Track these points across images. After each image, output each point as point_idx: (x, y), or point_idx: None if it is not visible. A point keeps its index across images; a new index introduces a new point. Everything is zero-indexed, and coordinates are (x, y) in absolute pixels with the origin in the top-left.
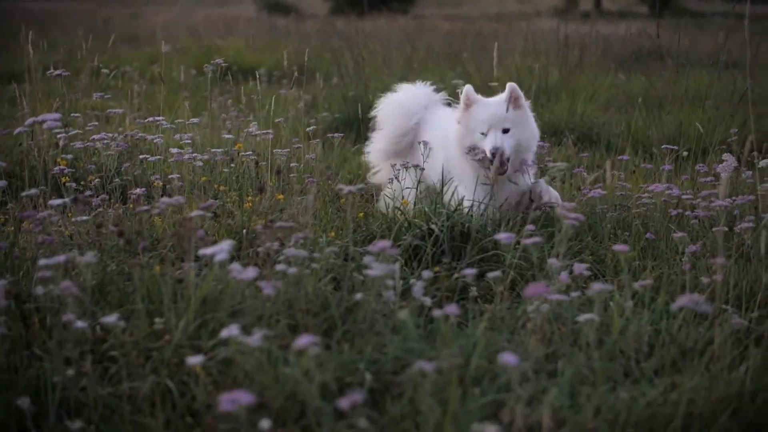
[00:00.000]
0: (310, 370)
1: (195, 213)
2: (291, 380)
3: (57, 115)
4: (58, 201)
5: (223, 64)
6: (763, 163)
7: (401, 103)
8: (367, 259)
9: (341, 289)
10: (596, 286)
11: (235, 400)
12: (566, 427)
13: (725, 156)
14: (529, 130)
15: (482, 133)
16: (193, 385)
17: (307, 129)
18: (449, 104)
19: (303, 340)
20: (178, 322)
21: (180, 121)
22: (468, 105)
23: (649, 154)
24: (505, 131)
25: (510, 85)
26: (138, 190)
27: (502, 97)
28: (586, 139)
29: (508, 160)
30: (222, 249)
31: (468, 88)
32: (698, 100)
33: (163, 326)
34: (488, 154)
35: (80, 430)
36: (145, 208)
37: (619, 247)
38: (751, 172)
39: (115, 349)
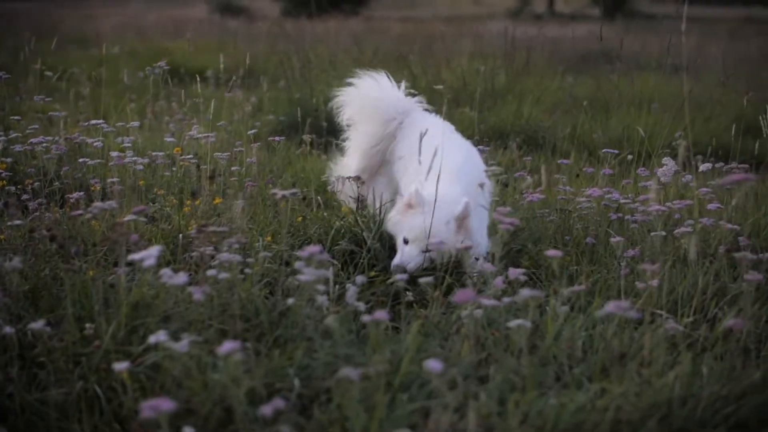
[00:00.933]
0: (238, 376)
1: (128, 217)
2: (219, 386)
3: None
4: None
5: (165, 67)
6: (704, 167)
7: (377, 105)
8: (298, 265)
9: (275, 294)
10: (525, 292)
11: (156, 407)
12: None
13: (665, 160)
14: (457, 245)
15: (404, 240)
16: (121, 391)
17: (249, 132)
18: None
19: (227, 346)
20: (109, 327)
21: (121, 124)
22: (409, 207)
23: (594, 157)
24: (427, 251)
25: (465, 205)
26: (76, 194)
27: (447, 209)
28: (532, 142)
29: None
30: (151, 254)
31: (415, 192)
32: (645, 103)
33: (93, 332)
34: (390, 266)
35: None
36: (79, 212)
37: (551, 252)
38: (691, 176)
39: (44, 355)
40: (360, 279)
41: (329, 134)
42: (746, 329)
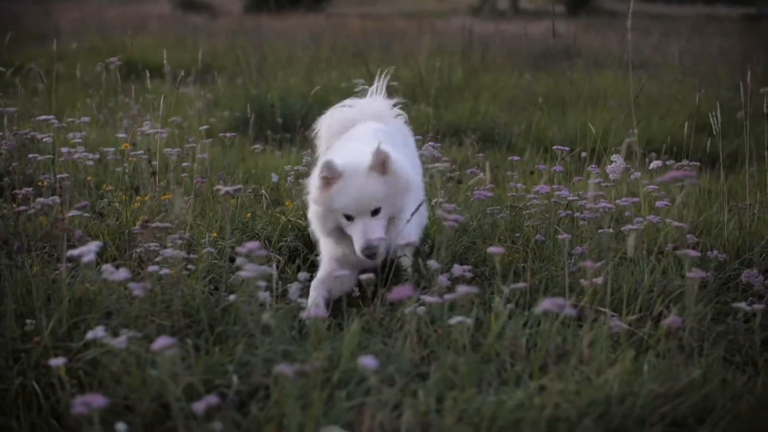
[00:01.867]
0: (176, 373)
1: (71, 213)
2: (156, 382)
3: None
4: None
5: (118, 63)
6: (654, 164)
7: (330, 123)
8: (239, 261)
9: (219, 291)
10: (462, 289)
11: (88, 402)
12: None
13: (614, 157)
14: (402, 190)
15: (346, 216)
16: (59, 387)
17: (201, 128)
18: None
19: (161, 342)
20: (50, 323)
21: (71, 120)
22: (328, 182)
23: (549, 154)
24: (375, 212)
25: (375, 150)
26: (24, 190)
27: (364, 164)
28: (488, 139)
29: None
30: (89, 250)
31: (330, 162)
32: (602, 100)
33: (33, 328)
34: (359, 254)
35: None
36: (23, 208)
37: (493, 249)
38: (639, 174)
39: None
40: (303, 275)
41: (284, 131)
42: (689, 327)
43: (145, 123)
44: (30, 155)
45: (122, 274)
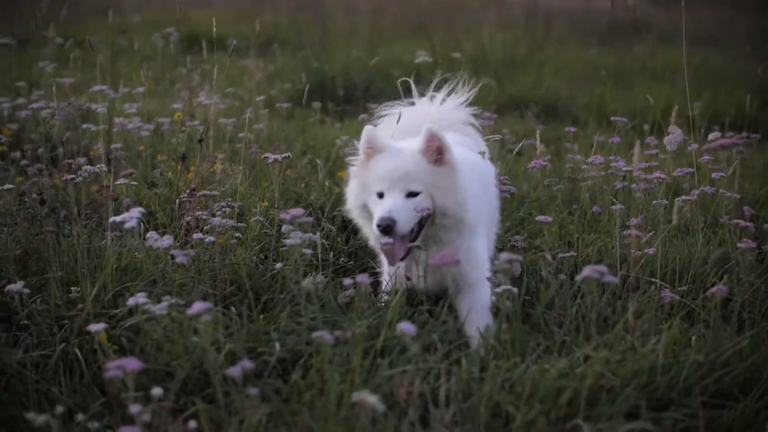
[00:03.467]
0: (218, 339)
1: (119, 181)
2: (198, 349)
3: None
4: None
5: (176, 34)
6: (712, 136)
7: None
8: (285, 228)
9: (268, 259)
10: (504, 255)
11: (122, 366)
12: (473, 399)
13: (671, 128)
14: (454, 195)
15: (378, 194)
16: (101, 354)
17: (258, 98)
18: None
19: (197, 307)
20: (93, 291)
21: (126, 90)
22: (369, 154)
23: (612, 128)
24: (411, 195)
25: (427, 130)
26: (77, 160)
27: (413, 145)
28: (551, 112)
29: (406, 237)
30: (132, 216)
31: (370, 131)
32: (667, 74)
33: (79, 295)
34: (374, 228)
35: None
36: (71, 176)
37: (542, 217)
38: (696, 145)
39: (28, 318)
40: (351, 244)
41: (345, 103)
42: (740, 299)
43: (201, 94)
44: (84, 125)
45: (167, 241)
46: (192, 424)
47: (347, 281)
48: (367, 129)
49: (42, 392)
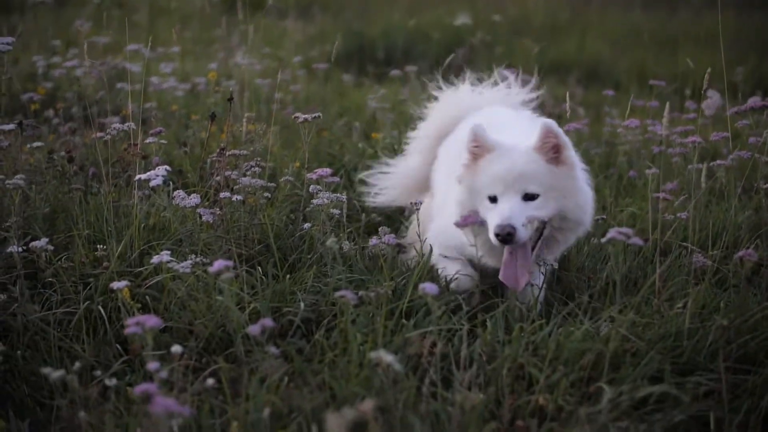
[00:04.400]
0: (243, 299)
1: (148, 140)
2: (222, 308)
3: (9, 39)
4: (10, 126)
5: None
6: (751, 101)
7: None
8: (313, 188)
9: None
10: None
11: (141, 322)
12: (497, 362)
13: (710, 93)
14: (574, 197)
15: (490, 198)
16: (124, 312)
17: (295, 59)
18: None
19: (218, 264)
20: (118, 249)
21: (162, 50)
22: (477, 154)
23: (654, 93)
24: (529, 198)
25: (545, 125)
26: (109, 119)
27: (527, 143)
28: (593, 76)
29: (528, 251)
30: (158, 174)
31: (477, 128)
32: (712, 39)
33: (105, 253)
34: (492, 238)
35: (3, 355)
36: (100, 134)
37: None
38: (735, 109)
39: (53, 276)
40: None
41: (386, 65)
42: None
43: (238, 54)
44: (119, 85)
45: (193, 199)
46: (210, 381)
47: (373, 240)
48: (474, 126)
49: (65, 350)
